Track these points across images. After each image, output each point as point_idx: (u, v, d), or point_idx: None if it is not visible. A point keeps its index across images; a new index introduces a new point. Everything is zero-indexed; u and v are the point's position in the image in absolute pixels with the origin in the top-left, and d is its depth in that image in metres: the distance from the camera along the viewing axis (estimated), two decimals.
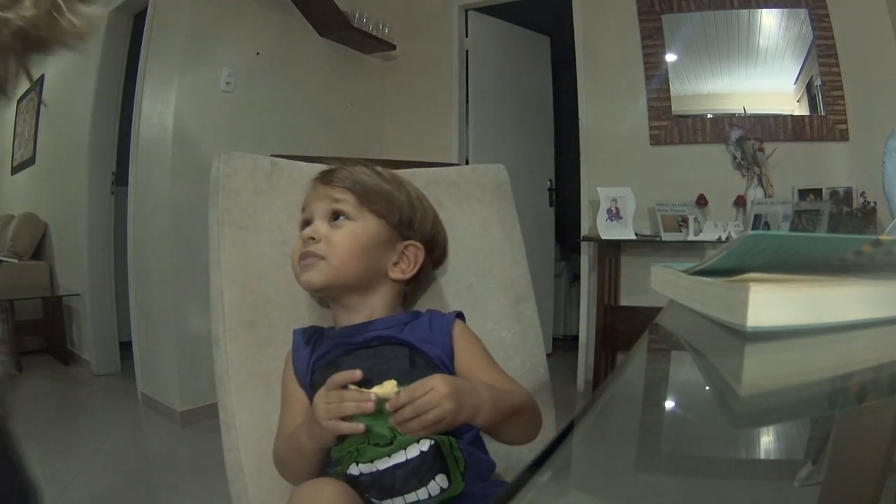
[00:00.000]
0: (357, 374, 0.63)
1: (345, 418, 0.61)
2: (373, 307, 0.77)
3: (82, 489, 2.10)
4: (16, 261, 4.22)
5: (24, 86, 4.89)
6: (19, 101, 4.95)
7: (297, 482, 0.70)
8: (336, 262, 0.74)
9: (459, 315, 0.79)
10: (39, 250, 4.41)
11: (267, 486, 0.75)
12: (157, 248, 2.90)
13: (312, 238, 0.75)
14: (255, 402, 0.77)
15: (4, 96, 0.59)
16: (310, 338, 0.76)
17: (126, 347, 3.40)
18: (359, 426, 0.61)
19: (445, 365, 0.73)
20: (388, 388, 0.62)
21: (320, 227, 0.75)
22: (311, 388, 0.72)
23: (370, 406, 0.61)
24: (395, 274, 0.78)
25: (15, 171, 4.98)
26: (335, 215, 0.76)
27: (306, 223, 0.78)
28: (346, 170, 0.79)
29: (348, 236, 0.75)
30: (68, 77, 4.05)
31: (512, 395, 0.70)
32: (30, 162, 4.61)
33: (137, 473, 2.30)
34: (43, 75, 4.50)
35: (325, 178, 0.80)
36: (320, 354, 0.73)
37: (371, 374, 0.67)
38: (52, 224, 4.33)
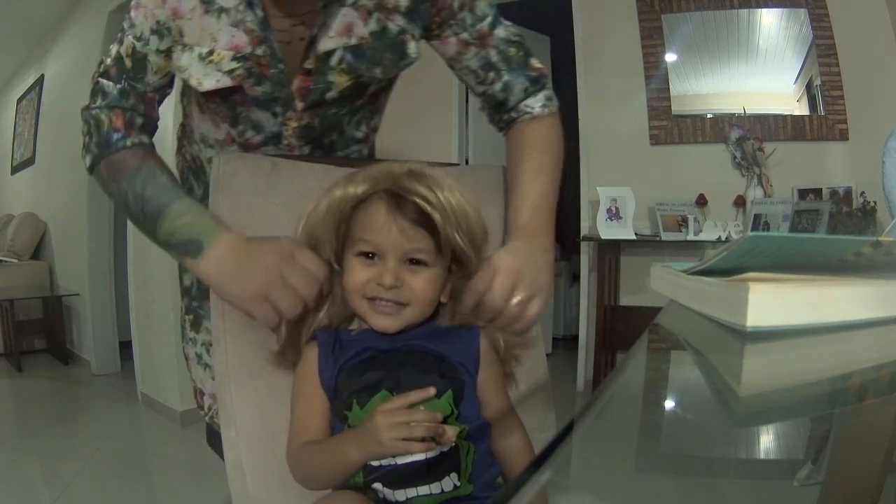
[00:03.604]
0: (431, 391, 0.64)
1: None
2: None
3: (82, 489, 2.10)
4: (16, 261, 4.22)
5: (23, 85, 4.88)
6: (19, 101, 4.95)
7: (323, 487, 0.70)
8: (418, 308, 0.71)
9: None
10: (39, 250, 4.41)
11: (267, 486, 0.74)
12: (156, 247, 2.89)
13: (395, 286, 0.69)
14: (255, 402, 0.77)
15: None
16: (334, 342, 0.74)
17: (126, 347, 3.40)
18: (432, 445, 0.63)
19: (472, 377, 0.73)
20: (451, 432, 0.64)
21: (398, 271, 0.69)
22: (333, 391, 0.71)
23: (440, 435, 0.62)
24: (445, 297, 0.75)
25: (15, 171, 4.98)
26: (410, 260, 0.70)
27: (369, 254, 0.70)
28: (425, 196, 0.68)
29: (429, 283, 0.71)
30: (68, 77, 4.05)
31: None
32: (30, 162, 4.61)
33: (137, 473, 2.31)
34: (43, 75, 4.50)
35: (401, 208, 0.69)
36: (346, 359, 0.72)
37: (400, 384, 0.68)
38: (52, 224, 4.33)
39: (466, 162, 3.57)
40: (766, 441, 0.35)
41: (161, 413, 2.90)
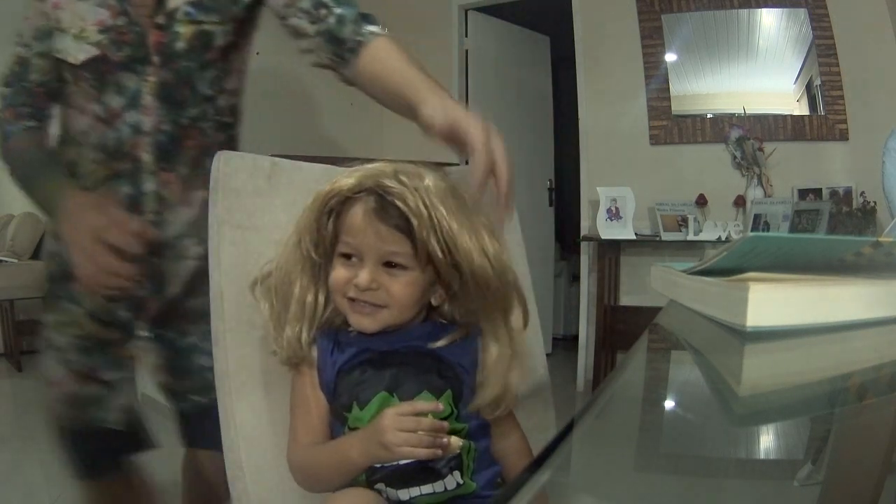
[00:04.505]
0: (440, 406, 0.65)
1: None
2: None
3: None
4: (16, 261, 4.22)
5: None
6: None
7: (327, 490, 0.70)
8: (396, 310, 0.71)
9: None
10: (39, 250, 4.41)
11: (267, 486, 0.75)
12: None
13: (370, 288, 0.69)
14: (255, 402, 0.77)
15: None
16: (333, 343, 0.73)
17: None
18: (437, 451, 0.63)
19: (471, 377, 0.73)
20: (455, 443, 0.64)
21: (375, 274, 0.69)
22: (332, 393, 0.71)
23: (445, 446, 0.62)
24: (436, 301, 0.74)
25: None
26: (389, 263, 0.70)
27: (348, 256, 0.71)
28: (406, 199, 0.67)
29: (408, 286, 0.70)
30: None
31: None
32: None
33: None
34: None
35: (379, 212, 0.68)
36: (344, 360, 0.72)
37: (399, 384, 0.68)
38: None
39: (466, 162, 3.57)
40: (766, 441, 0.35)
41: (161, 413, 2.89)
